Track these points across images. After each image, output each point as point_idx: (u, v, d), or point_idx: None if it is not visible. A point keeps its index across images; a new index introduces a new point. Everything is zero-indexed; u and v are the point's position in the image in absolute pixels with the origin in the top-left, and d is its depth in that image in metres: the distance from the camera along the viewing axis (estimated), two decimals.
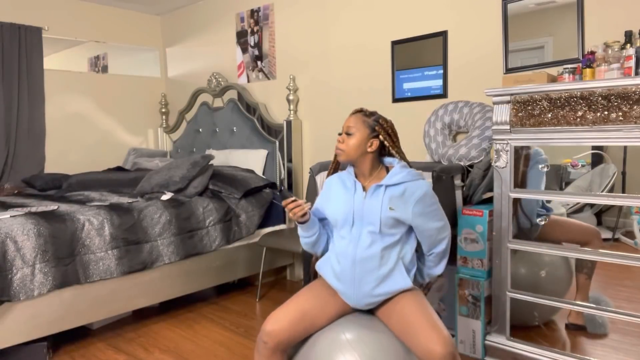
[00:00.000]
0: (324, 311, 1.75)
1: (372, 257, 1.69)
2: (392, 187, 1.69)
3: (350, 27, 3.51)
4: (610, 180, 2.12)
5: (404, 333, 1.64)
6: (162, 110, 5.01)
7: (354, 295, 1.72)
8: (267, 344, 1.67)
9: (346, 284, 1.73)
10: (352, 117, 1.78)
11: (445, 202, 2.47)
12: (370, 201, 1.71)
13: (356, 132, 1.73)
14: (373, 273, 1.69)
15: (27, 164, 4.12)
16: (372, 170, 1.77)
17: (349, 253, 1.71)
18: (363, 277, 1.69)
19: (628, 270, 2.06)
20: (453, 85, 3.00)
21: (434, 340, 1.54)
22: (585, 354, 2.16)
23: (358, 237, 1.71)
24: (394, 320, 1.69)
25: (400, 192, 1.68)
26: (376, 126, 1.75)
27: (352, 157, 1.74)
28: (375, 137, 1.74)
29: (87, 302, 2.68)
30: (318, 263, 1.85)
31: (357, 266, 1.70)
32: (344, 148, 1.74)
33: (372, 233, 1.69)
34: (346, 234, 1.74)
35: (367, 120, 1.75)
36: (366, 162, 1.76)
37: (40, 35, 4.17)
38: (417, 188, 1.69)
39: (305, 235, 1.84)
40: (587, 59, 2.16)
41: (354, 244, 1.71)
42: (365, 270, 1.69)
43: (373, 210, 1.69)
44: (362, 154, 1.74)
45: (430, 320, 1.61)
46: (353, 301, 1.74)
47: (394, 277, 1.70)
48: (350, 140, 1.73)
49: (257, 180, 3.56)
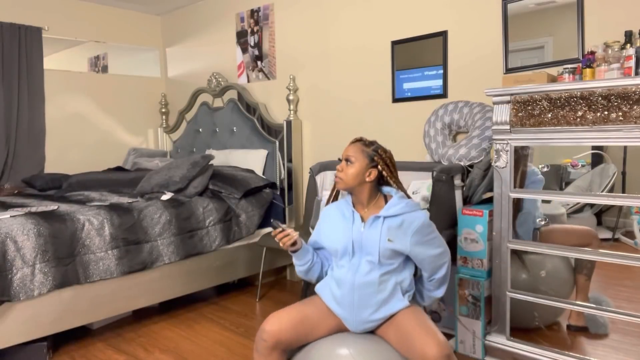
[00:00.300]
0: (325, 321, 1.76)
1: (370, 283, 1.71)
2: (390, 219, 1.71)
3: (350, 27, 3.51)
4: (610, 180, 2.12)
5: (401, 343, 1.66)
6: (162, 110, 5.01)
7: (353, 320, 1.74)
8: (266, 342, 1.68)
9: (345, 309, 1.74)
10: (351, 146, 1.80)
11: (445, 202, 2.47)
12: (369, 232, 1.72)
13: (355, 161, 1.75)
14: (371, 298, 1.71)
15: (27, 164, 4.12)
16: (370, 200, 1.79)
17: (348, 280, 1.73)
18: (362, 303, 1.71)
19: (628, 270, 2.06)
20: (453, 85, 3.00)
21: (429, 344, 1.56)
22: (586, 354, 2.16)
23: (357, 265, 1.73)
24: (391, 333, 1.71)
25: (399, 224, 1.70)
26: (375, 156, 1.76)
27: (350, 186, 1.76)
28: (374, 167, 1.76)
29: (87, 302, 2.68)
30: (317, 286, 1.87)
31: (356, 292, 1.71)
32: (342, 177, 1.76)
33: (371, 262, 1.72)
34: (345, 263, 1.76)
35: (366, 150, 1.77)
36: (364, 191, 1.77)
37: (40, 35, 4.17)
38: (415, 219, 1.70)
39: (299, 263, 1.87)
40: (587, 59, 2.16)
41: (353, 272, 1.73)
42: (363, 295, 1.71)
43: (372, 241, 1.71)
44: (361, 183, 1.76)
45: (425, 326, 1.64)
46: (352, 326, 1.75)
47: (392, 301, 1.72)
48: (349, 170, 1.75)
49: (257, 180, 3.56)
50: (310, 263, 1.86)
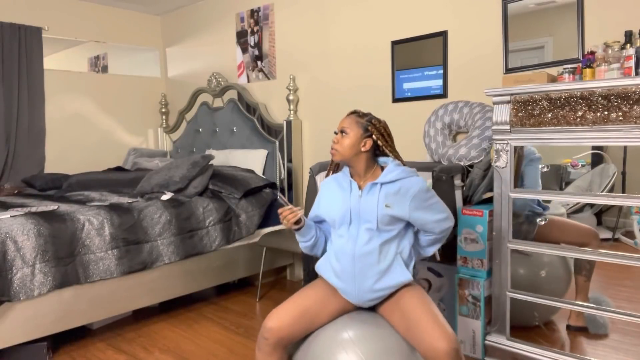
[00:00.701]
0: (325, 309, 1.76)
1: (370, 252, 1.71)
2: (387, 185, 1.72)
3: (350, 27, 3.51)
4: (610, 180, 2.12)
5: (407, 330, 1.65)
6: (162, 110, 5.01)
7: (356, 292, 1.73)
8: (267, 340, 1.68)
9: (347, 281, 1.74)
10: (346, 118, 1.82)
11: (445, 202, 2.47)
12: (366, 199, 1.73)
13: (350, 132, 1.77)
14: (372, 268, 1.71)
15: (27, 164, 4.12)
16: (367, 170, 1.80)
17: (348, 250, 1.73)
18: (363, 273, 1.71)
19: (628, 270, 2.06)
20: (453, 85, 3.00)
21: (438, 337, 1.55)
22: (585, 354, 2.16)
23: (356, 234, 1.73)
24: (396, 318, 1.70)
25: (396, 189, 1.71)
26: (369, 126, 1.78)
27: (346, 157, 1.77)
28: (369, 136, 1.78)
29: (87, 302, 2.68)
30: (317, 264, 1.87)
31: (356, 262, 1.71)
32: (338, 148, 1.78)
33: (370, 230, 1.72)
34: (344, 232, 1.76)
35: (361, 120, 1.79)
36: (361, 162, 1.78)
37: (40, 35, 4.17)
38: (413, 184, 1.72)
39: (303, 239, 1.88)
40: (587, 59, 2.16)
41: (353, 241, 1.73)
42: (364, 265, 1.71)
43: (369, 208, 1.71)
44: (356, 154, 1.77)
45: (434, 317, 1.63)
46: (355, 298, 1.75)
47: (393, 271, 1.72)
48: (345, 140, 1.77)
49: (257, 180, 3.56)
50: (315, 238, 1.87)
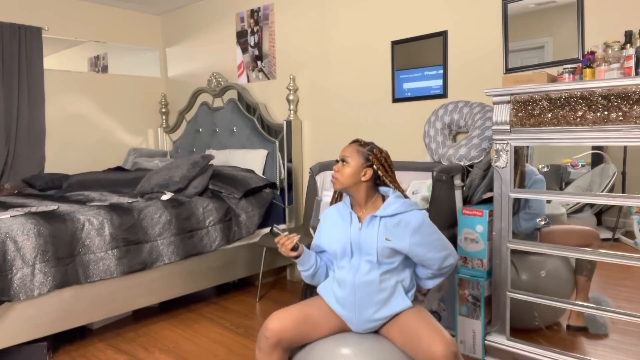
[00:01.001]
0: (328, 321, 1.77)
1: (371, 282, 1.71)
2: (387, 218, 1.72)
3: (350, 27, 3.51)
4: (610, 180, 2.12)
5: (406, 342, 1.66)
6: (162, 110, 5.01)
7: (356, 321, 1.74)
8: (268, 340, 1.68)
9: (348, 310, 1.75)
10: (348, 146, 1.82)
11: (445, 202, 2.47)
12: (366, 232, 1.73)
13: (351, 161, 1.77)
14: (373, 298, 1.71)
15: (27, 164, 4.12)
16: (368, 200, 1.79)
17: (349, 280, 1.74)
18: (363, 302, 1.71)
19: (628, 270, 2.06)
20: (453, 85, 3.00)
21: (436, 342, 1.55)
22: (586, 354, 2.16)
23: (357, 265, 1.74)
24: (395, 333, 1.70)
25: (395, 223, 1.70)
26: (370, 156, 1.78)
27: (346, 186, 1.77)
28: (369, 166, 1.77)
29: (87, 302, 2.68)
30: (320, 287, 1.88)
31: (357, 292, 1.72)
32: (338, 177, 1.78)
33: (370, 262, 1.72)
34: (346, 264, 1.77)
35: (362, 149, 1.79)
36: (361, 191, 1.78)
37: (40, 35, 4.17)
38: (412, 218, 1.70)
39: (303, 269, 1.88)
40: (587, 59, 2.16)
41: (354, 272, 1.74)
42: (365, 294, 1.71)
43: (369, 241, 1.71)
44: (357, 183, 1.77)
45: (431, 325, 1.63)
46: (355, 326, 1.76)
47: (394, 300, 1.72)
48: (345, 169, 1.76)
49: (257, 180, 3.56)
50: (315, 267, 1.87)
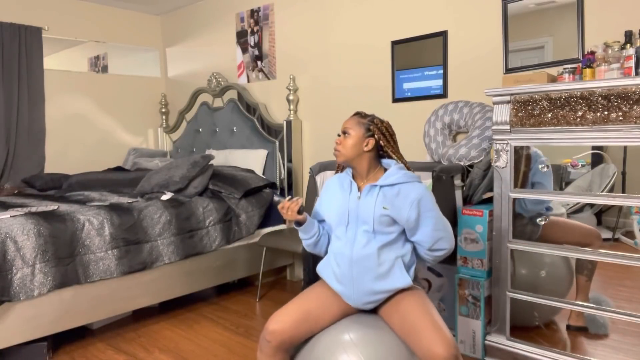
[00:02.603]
0: (328, 311, 1.75)
1: (368, 255, 1.69)
2: (386, 188, 1.71)
3: (350, 27, 3.51)
4: (610, 180, 2.12)
5: (406, 334, 1.64)
6: (162, 110, 5.01)
7: (354, 294, 1.73)
8: (270, 343, 1.67)
9: (346, 284, 1.73)
10: (349, 119, 1.82)
11: (445, 202, 2.47)
12: (364, 201, 1.72)
13: (352, 132, 1.77)
14: (371, 272, 1.69)
15: (27, 164, 4.12)
16: (370, 171, 1.79)
17: (346, 254, 1.73)
18: (361, 276, 1.70)
19: (628, 270, 2.06)
20: (453, 85, 3.00)
21: (437, 342, 1.54)
22: (586, 354, 2.16)
23: (354, 237, 1.73)
24: (396, 321, 1.69)
25: (395, 193, 1.70)
26: (371, 125, 1.78)
27: (348, 157, 1.77)
28: (371, 136, 1.77)
29: (87, 302, 2.68)
30: (318, 266, 1.87)
31: (354, 266, 1.71)
32: (340, 149, 1.78)
33: (367, 232, 1.71)
34: (342, 234, 1.77)
35: (363, 120, 1.79)
36: (363, 162, 1.78)
37: (40, 35, 4.17)
38: (412, 189, 1.69)
39: (305, 237, 1.87)
40: (587, 59, 2.16)
41: (350, 244, 1.73)
42: (362, 268, 1.70)
43: (367, 209, 1.71)
44: (359, 154, 1.77)
45: (433, 322, 1.61)
46: (353, 301, 1.74)
47: (393, 274, 1.70)
48: (347, 141, 1.77)
49: (257, 180, 3.56)
50: (317, 236, 1.86)
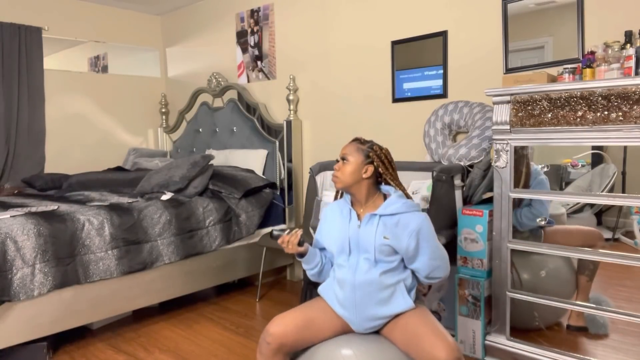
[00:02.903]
0: (330, 324, 1.75)
1: (370, 281, 1.70)
2: (386, 217, 1.70)
3: (350, 27, 3.51)
4: (610, 180, 2.12)
5: (408, 344, 1.64)
6: (162, 110, 5.01)
7: (357, 320, 1.73)
8: (269, 345, 1.67)
9: (349, 309, 1.74)
10: (348, 145, 1.81)
11: (445, 202, 2.47)
12: (364, 230, 1.72)
13: (351, 158, 1.76)
14: (373, 297, 1.70)
15: (27, 164, 4.12)
16: (368, 198, 1.78)
17: (348, 280, 1.73)
18: (364, 302, 1.70)
19: (628, 270, 2.06)
20: (453, 85, 3.00)
21: (439, 347, 1.53)
22: (586, 354, 2.16)
23: (356, 264, 1.73)
24: (397, 334, 1.69)
25: (395, 222, 1.69)
26: (370, 152, 1.76)
27: (347, 184, 1.76)
28: (370, 163, 1.76)
29: (87, 302, 2.68)
30: (320, 288, 1.87)
31: (357, 291, 1.71)
32: (339, 175, 1.77)
33: (368, 260, 1.71)
34: (344, 262, 1.76)
35: (362, 147, 1.78)
36: (362, 189, 1.77)
37: (40, 35, 4.17)
38: (412, 219, 1.68)
39: (309, 267, 1.87)
40: (587, 59, 2.16)
41: (353, 271, 1.73)
42: (365, 294, 1.70)
43: (367, 239, 1.70)
44: (358, 181, 1.76)
45: (434, 328, 1.61)
46: (356, 326, 1.75)
47: (395, 300, 1.71)
48: (346, 168, 1.75)
49: (257, 180, 3.56)
50: (320, 265, 1.86)
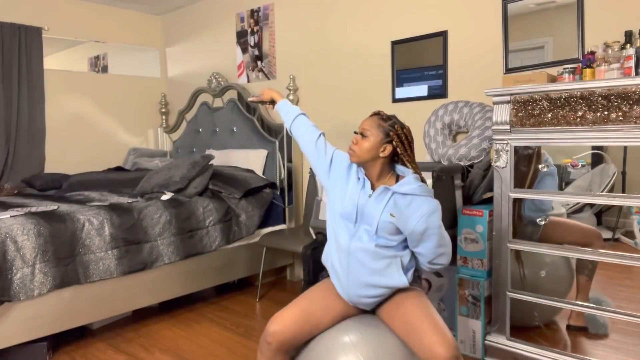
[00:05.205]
0: (329, 313, 1.74)
1: (365, 250, 1.67)
2: (399, 195, 1.66)
3: (350, 27, 3.51)
4: (610, 180, 2.12)
5: (407, 335, 1.63)
6: (162, 110, 5.01)
7: (349, 286, 1.71)
8: (270, 345, 1.66)
9: (341, 276, 1.73)
10: (368, 119, 1.75)
11: (446, 202, 2.47)
12: (374, 201, 1.68)
13: (370, 135, 1.70)
14: (367, 265, 1.68)
15: (27, 164, 4.12)
16: (381, 176, 1.74)
17: (344, 244, 1.72)
18: (357, 269, 1.69)
19: (628, 270, 2.06)
20: (453, 85, 3.00)
21: (438, 344, 1.53)
22: (586, 354, 2.16)
23: (355, 231, 1.71)
24: (396, 322, 1.68)
25: (407, 203, 1.64)
26: (391, 131, 1.71)
27: (362, 160, 1.72)
28: (389, 142, 1.71)
29: (87, 302, 2.68)
30: (323, 256, 1.87)
31: (351, 257, 1.70)
32: (356, 149, 1.72)
33: (368, 232, 1.69)
34: (346, 227, 1.74)
35: (383, 124, 1.72)
36: (376, 167, 1.73)
37: (40, 35, 4.17)
38: (425, 203, 1.62)
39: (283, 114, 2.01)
40: (587, 59, 2.16)
41: (350, 237, 1.71)
42: (358, 261, 1.69)
43: (373, 211, 1.67)
44: (374, 158, 1.71)
45: (434, 323, 1.60)
46: (347, 293, 1.73)
47: (389, 273, 1.68)
48: (364, 143, 1.70)
49: (257, 180, 3.56)
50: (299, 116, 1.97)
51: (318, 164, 1.86)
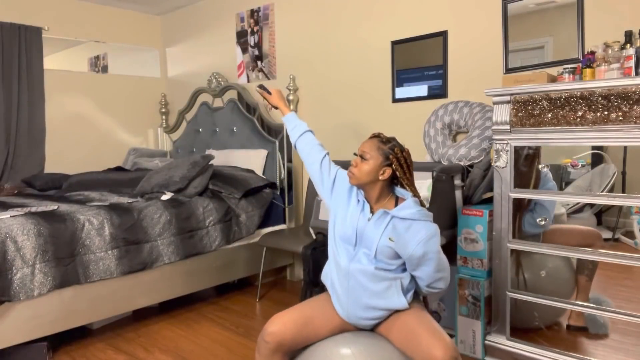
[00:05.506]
0: (328, 323, 1.75)
1: (365, 272, 1.68)
2: (398, 220, 1.66)
3: (350, 27, 3.51)
4: (610, 180, 2.12)
5: (405, 343, 1.63)
6: (162, 110, 5.01)
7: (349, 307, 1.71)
8: (268, 344, 1.67)
9: (341, 297, 1.73)
10: (368, 141, 1.76)
11: (445, 202, 2.47)
12: (373, 225, 1.69)
13: (370, 158, 1.71)
14: (367, 288, 1.68)
15: (27, 164, 4.12)
16: (380, 199, 1.75)
17: (344, 265, 1.72)
18: (357, 291, 1.69)
19: (628, 270, 2.06)
20: (453, 85, 3.00)
21: (436, 346, 1.53)
22: (586, 354, 2.16)
23: (355, 254, 1.72)
24: (395, 333, 1.68)
25: (406, 227, 1.64)
26: (390, 154, 1.71)
27: (362, 182, 1.73)
28: (388, 165, 1.71)
29: (87, 302, 2.68)
30: (322, 274, 1.87)
31: (350, 278, 1.70)
32: (355, 172, 1.72)
33: (367, 255, 1.69)
34: (345, 250, 1.74)
35: (383, 147, 1.72)
36: (375, 189, 1.73)
37: (40, 35, 4.17)
38: (423, 228, 1.63)
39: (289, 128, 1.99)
40: (587, 59, 2.16)
41: (350, 259, 1.72)
42: (357, 284, 1.69)
43: (373, 235, 1.68)
44: (373, 181, 1.72)
45: (431, 328, 1.61)
46: (349, 315, 1.73)
47: (389, 295, 1.68)
48: (364, 166, 1.71)
49: (257, 180, 3.56)
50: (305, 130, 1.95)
51: (322, 183, 1.88)
